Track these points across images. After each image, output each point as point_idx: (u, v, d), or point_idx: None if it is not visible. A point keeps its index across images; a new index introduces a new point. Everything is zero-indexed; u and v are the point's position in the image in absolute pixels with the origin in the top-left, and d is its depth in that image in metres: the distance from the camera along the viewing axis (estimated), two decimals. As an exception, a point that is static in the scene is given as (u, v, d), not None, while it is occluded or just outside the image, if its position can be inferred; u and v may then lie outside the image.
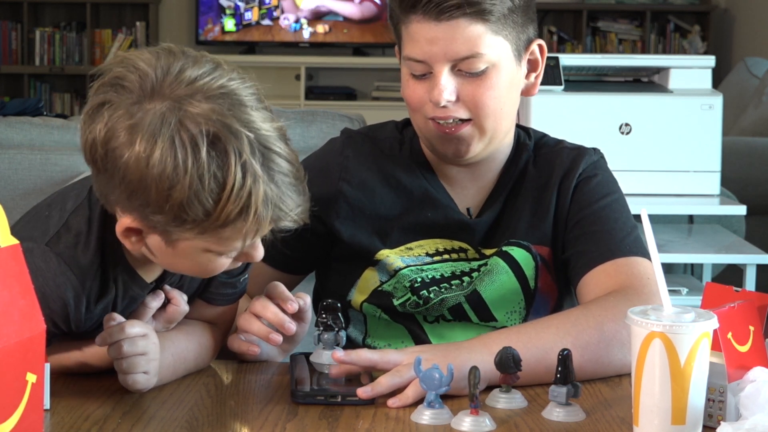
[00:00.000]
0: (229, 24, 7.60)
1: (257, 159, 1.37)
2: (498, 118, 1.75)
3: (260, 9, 7.60)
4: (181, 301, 1.58)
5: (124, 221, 1.42)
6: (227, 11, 7.59)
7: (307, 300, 1.65)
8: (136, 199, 1.38)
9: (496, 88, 1.73)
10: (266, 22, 7.61)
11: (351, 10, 7.57)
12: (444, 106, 1.72)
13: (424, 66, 1.72)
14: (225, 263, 1.47)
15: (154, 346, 1.51)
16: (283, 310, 1.62)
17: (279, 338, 1.61)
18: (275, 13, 7.60)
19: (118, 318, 1.50)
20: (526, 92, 1.82)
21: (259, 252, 1.47)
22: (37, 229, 1.47)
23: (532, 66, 1.81)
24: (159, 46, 1.44)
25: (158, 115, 1.36)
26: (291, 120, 3.37)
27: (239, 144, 1.35)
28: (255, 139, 1.37)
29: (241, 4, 7.60)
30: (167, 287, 1.57)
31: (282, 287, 1.63)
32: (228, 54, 7.56)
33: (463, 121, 1.74)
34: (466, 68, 1.71)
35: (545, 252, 1.81)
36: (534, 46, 1.79)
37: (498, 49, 1.72)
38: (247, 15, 7.62)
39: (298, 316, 1.64)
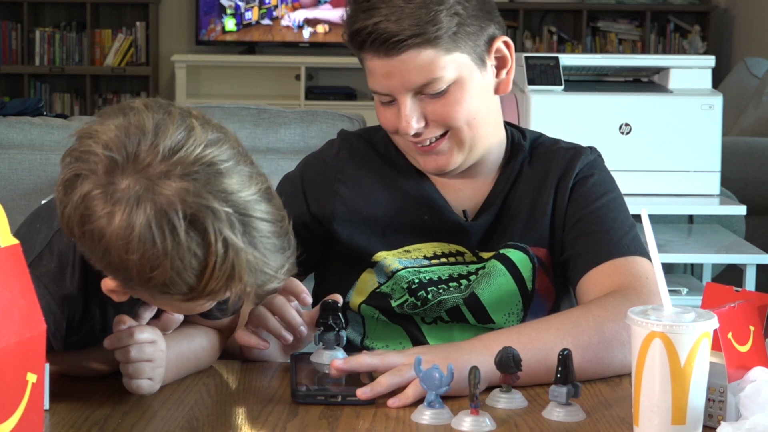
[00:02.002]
0: (230, 24, 7.60)
1: (237, 230, 1.33)
2: (473, 126, 1.75)
3: (260, 9, 7.60)
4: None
5: (108, 284, 1.41)
6: (228, 11, 7.59)
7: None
8: (118, 275, 1.37)
9: (463, 101, 1.73)
10: (266, 21, 7.61)
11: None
12: (416, 133, 1.72)
13: (388, 96, 1.74)
14: (212, 304, 1.46)
15: (161, 353, 1.51)
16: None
17: (290, 338, 1.62)
18: (275, 13, 7.60)
19: (129, 322, 1.50)
20: (498, 90, 1.80)
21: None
22: (25, 242, 1.45)
23: (502, 63, 1.79)
24: (127, 105, 1.37)
25: (133, 198, 1.31)
26: (291, 120, 3.37)
27: (218, 221, 1.32)
28: (234, 211, 1.33)
29: (242, 4, 7.60)
30: None
31: (296, 281, 1.63)
32: (228, 54, 7.57)
33: (439, 137, 1.74)
34: (428, 91, 1.71)
35: (542, 253, 1.81)
36: (498, 44, 1.77)
37: (456, 66, 1.71)
38: (248, 15, 7.62)
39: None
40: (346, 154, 1.84)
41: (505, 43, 1.78)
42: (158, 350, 1.50)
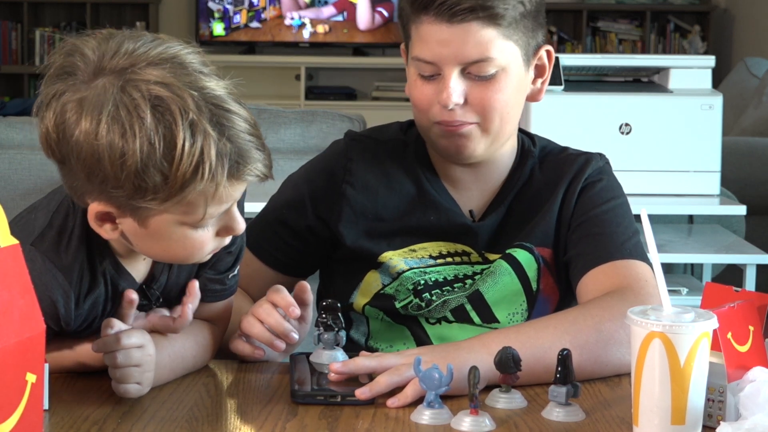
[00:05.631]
0: (218, 28, 7.60)
1: (205, 116, 1.36)
2: (504, 121, 1.75)
3: (249, 11, 7.59)
4: (184, 321, 1.57)
5: (92, 207, 1.42)
6: (216, 14, 7.59)
7: (307, 290, 1.65)
8: (95, 177, 1.38)
9: (505, 92, 1.73)
10: (255, 24, 7.60)
11: (361, 18, 7.58)
12: (452, 109, 1.72)
13: (433, 67, 1.72)
14: (206, 239, 1.45)
15: (149, 357, 1.50)
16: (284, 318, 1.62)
17: (282, 346, 1.61)
18: (263, 15, 7.59)
19: (117, 325, 1.49)
20: (532, 98, 1.82)
21: (239, 223, 1.46)
22: (23, 231, 1.47)
23: (539, 71, 1.81)
24: (99, 31, 1.45)
25: (101, 88, 1.37)
26: (291, 120, 3.38)
27: (183, 103, 1.36)
28: (200, 96, 1.37)
29: (230, 7, 7.59)
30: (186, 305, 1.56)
31: (284, 291, 1.62)
32: (228, 54, 7.57)
33: (468, 123, 1.74)
34: (475, 71, 1.71)
35: (547, 254, 1.81)
36: (542, 52, 1.80)
37: (508, 54, 1.72)
38: (236, 18, 7.61)
39: (300, 317, 1.64)
40: (355, 155, 1.84)
41: (548, 53, 1.81)
42: (146, 355, 1.49)
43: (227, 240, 1.49)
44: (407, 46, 1.78)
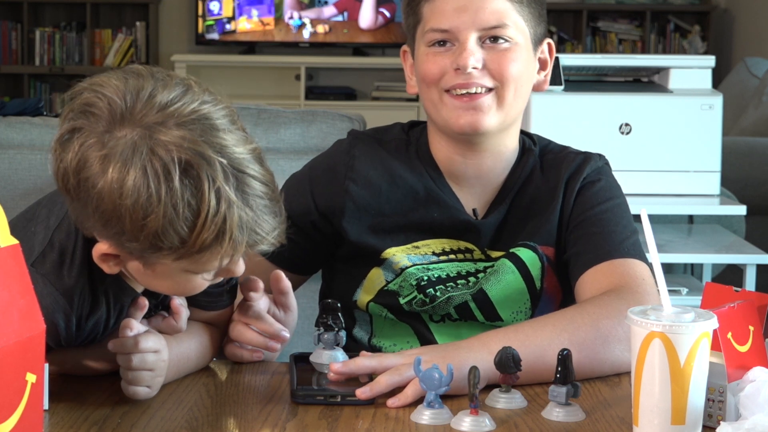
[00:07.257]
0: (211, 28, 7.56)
1: (231, 184, 1.35)
2: (516, 95, 1.77)
3: (205, 20, 7.51)
4: (182, 319, 1.57)
5: (100, 247, 1.41)
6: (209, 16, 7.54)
7: (281, 278, 1.65)
8: (111, 227, 1.37)
9: (519, 63, 1.76)
10: (213, 35, 7.52)
11: (364, 18, 7.58)
12: (469, 73, 1.73)
13: (449, 35, 1.75)
14: (205, 283, 1.47)
15: (163, 363, 1.51)
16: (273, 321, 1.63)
17: (277, 346, 1.63)
18: (229, 26, 7.52)
19: (136, 328, 1.49)
20: (537, 87, 1.85)
21: (240, 268, 1.46)
22: (23, 246, 1.46)
23: (542, 65, 1.85)
24: (127, 67, 1.42)
25: (130, 144, 1.34)
26: (291, 120, 3.37)
27: (212, 170, 1.34)
28: (228, 163, 1.36)
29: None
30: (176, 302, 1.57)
31: (247, 277, 1.63)
32: (228, 54, 7.57)
33: (485, 91, 1.75)
34: (493, 34, 1.74)
35: (550, 252, 1.82)
36: (544, 45, 1.84)
37: (520, 30, 1.76)
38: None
39: (282, 304, 1.66)
40: (358, 153, 1.85)
41: (549, 46, 1.85)
42: (160, 360, 1.50)
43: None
44: (414, 35, 1.80)
